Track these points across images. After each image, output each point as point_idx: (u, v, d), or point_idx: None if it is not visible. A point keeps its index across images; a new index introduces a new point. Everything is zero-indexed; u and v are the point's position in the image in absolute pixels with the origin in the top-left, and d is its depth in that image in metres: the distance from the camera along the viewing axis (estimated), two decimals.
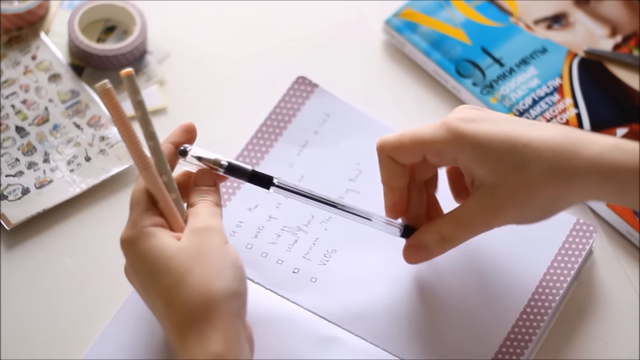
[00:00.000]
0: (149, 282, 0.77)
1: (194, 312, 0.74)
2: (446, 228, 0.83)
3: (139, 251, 0.77)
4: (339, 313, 0.87)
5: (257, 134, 0.97)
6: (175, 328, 0.75)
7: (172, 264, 0.76)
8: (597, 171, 0.77)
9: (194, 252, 0.77)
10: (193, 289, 0.75)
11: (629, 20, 1.06)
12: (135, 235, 0.78)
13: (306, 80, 1.00)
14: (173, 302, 0.75)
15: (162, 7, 1.06)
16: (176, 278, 0.75)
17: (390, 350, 0.86)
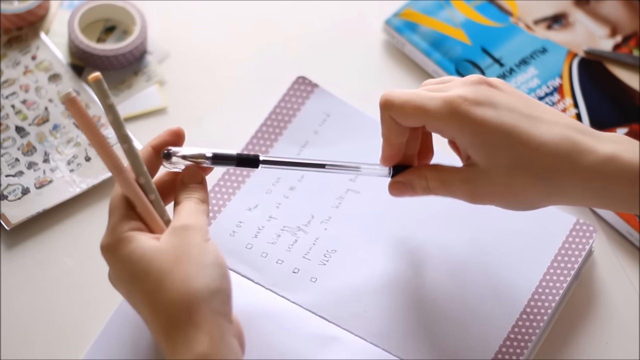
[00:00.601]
0: (132, 287, 0.77)
1: (175, 314, 0.74)
2: (433, 182, 0.84)
3: (119, 257, 0.77)
4: (339, 313, 0.87)
5: (257, 133, 0.97)
6: (161, 331, 0.75)
7: (152, 267, 0.75)
8: (586, 185, 0.79)
9: (173, 253, 0.76)
10: (173, 290, 0.74)
11: (629, 20, 1.06)
12: (114, 242, 0.77)
13: (306, 80, 1.00)
14: (155, 305, 0.75)
15: (162, 7, 1.06)
16: (156, 281, 0.75)
17: (390, 350, 0.86)
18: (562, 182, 0.79)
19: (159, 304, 0.75)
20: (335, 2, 1.07)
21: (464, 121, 0.80)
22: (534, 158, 0.79)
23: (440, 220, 0.92)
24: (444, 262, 0.90)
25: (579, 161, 0.79)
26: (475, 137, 0.80)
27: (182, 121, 1.00)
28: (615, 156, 0.78)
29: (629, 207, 0.79)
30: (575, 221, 0.92)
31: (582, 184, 0.79)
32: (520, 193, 0.80)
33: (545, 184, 0.79)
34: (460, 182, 0.82)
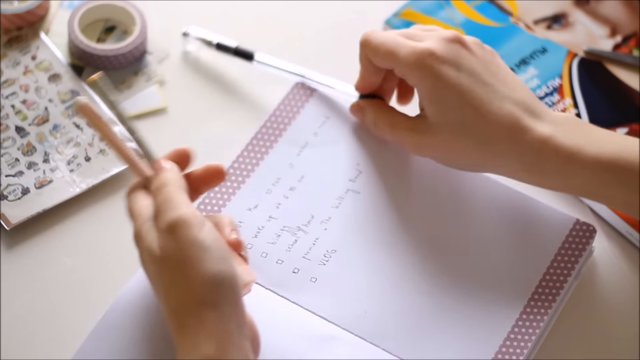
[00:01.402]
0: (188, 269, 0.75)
1: (187, 317, 0.74)
2: (381, 121, 0.92)
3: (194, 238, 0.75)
4: (339, 313, 0.87)
5: (257, 135, 0.97)
6: (173, 331, 0.75)
7: (166, 262, 0.76)
8: (521, 159, 0.85)
9: (178, 258, 0.76)
10: (184, 295, 0.74)
11: (629, 20, 1.06)
12: (200, 222, 0.75)
13: (305, 85, 0.99)
14: (170, 307, 0.76)
15: (162, 7, 1.06)
16: (169, 282, 0.76)
17: (390, 350, 0.86)
18: (500, 151, 0.86)
19: (171, 305, 0.76)
20: (336, 2, 1.07)
21: (425, 74, 0.86)
22: (479, 123, 0.86)
23: (440, 220, 0.92)
24: (444, 262, 0.90)
25: (517, 137, 0.85)
26: (431, 92, 0.87)
27: (182, 121, 1.00)
28: (550, 138, 0.85)
29: (558, 186, 0.87)
30: (575, 221, 0.92)
31: (517, 157, 0.85)
32: (461, 152, 0.87)
33: (484, 150, 0.86)
34: (407, 130, 0.90)
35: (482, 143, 0.86)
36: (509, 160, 0.86)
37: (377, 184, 0.94)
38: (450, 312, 0.88)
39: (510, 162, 0.86)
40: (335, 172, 0.95)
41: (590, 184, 0.85)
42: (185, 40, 1.03)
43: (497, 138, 0.86)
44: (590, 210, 0.97)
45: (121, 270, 0.90)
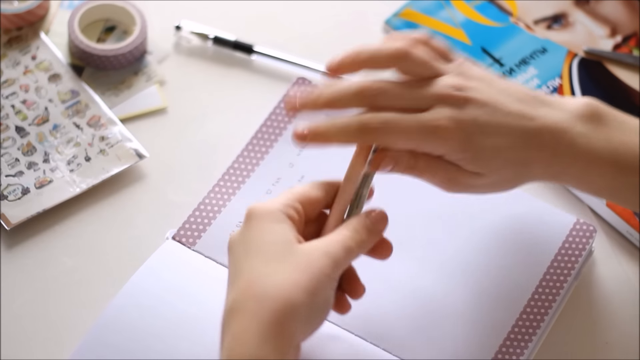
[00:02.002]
0: (247, 256, 0.76)
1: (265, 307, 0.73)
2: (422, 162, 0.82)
3: (260, 225, 0.76)
4: None
5: (257, 134, 0.97)
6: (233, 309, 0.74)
7: (280, 257, 0.75)
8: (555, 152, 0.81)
9: (304, 264, 0.75)
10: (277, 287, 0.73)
11: (629, 20, 1.06)
12: (267, 211, 0.77)
13: (306, 80, 1.00)
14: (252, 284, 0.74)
15: (162, 7, 1.06)
16: (271, 269, 0.74)
17: (390, 350, 0.86)
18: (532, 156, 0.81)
19: (256, 286, 0.74)
20: (336, 2, 1.07)
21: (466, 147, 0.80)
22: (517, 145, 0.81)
23: (440, 221, 0.92)
24: (444, 262, 0.90)
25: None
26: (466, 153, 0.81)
27: (182, 121, 1.00)
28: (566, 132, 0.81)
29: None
30: (575, 221, 0.92)
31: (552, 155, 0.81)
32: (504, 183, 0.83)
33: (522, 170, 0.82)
34: (456, 173, 0.82)
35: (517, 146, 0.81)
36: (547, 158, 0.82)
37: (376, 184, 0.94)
38: (450, 312, 0.88)
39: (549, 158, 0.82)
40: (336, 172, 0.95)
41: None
42: (179, 34, 1.04)
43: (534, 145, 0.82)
44: (590, 210, 0.97)
45: (121, 270, 0.90)
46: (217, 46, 1.03)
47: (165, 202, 0.95)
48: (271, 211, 0.78)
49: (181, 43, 1.04)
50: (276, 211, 0.78)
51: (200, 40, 1.04)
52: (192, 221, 0.91)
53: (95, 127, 0.97)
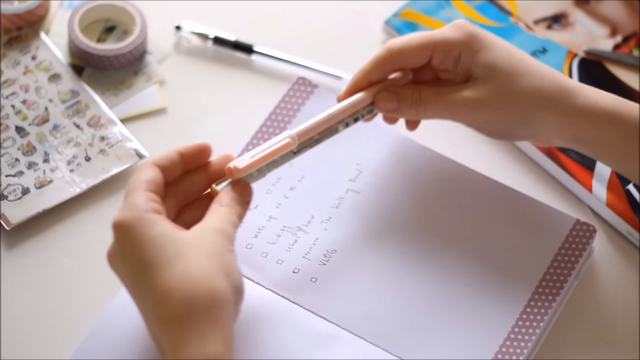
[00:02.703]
0: (145, 269, 0.75)
1: (195, 305, 0.73)
2: (427, 93, 0.88)
3: (139, 235, 0.76)
4: (339, 313, 0.87)
5: (257, 134, 0.97)
6: (168, 320, 0.73)
7: (180, 255, 0.75)
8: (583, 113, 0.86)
9: (204, 247, 0.76)
10: (199, 282, 0.74)
11: (629, 20, 1.06)
12: (135, 219, 0.76)
13: (306, 80, 1.00)
14: (172, 291, 0.74)
15: (162, 7, 1.06)
16: (182, 269, 0.74)
17: (390, 350, 0.86)
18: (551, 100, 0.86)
19: (178, 290, 0.73)
20: (336, 2, 1.07)
21: (474, 36, 0.87)
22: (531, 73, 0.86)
23: (440, 220, 0.92)
24: (444, 262, 0.90)
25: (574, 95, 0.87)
26: (483, 49, 0.87)
27: (182, 121, 1.00)
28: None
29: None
30: (575, 221, 0.92)
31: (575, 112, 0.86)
32: (516, 104, 0.86)
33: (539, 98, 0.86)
34: (458, 92, 0.87)
35: (537, 95, 0.86)
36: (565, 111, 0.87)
37: (377, 184, 0.94)
38: (450, 312, 0.88)
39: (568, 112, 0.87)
40: (335, 172, 0.95)
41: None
42: (179, 34, 1.04)
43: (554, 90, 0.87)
44: (590, 210, 0.97)
45: None
46: (217, 46, 1.03)
47: None
48: (140, 218, 0.77)
49: (181, 43, 1.04)
50: (144, 217, 0.77)
51: (200, 40, 1.04)
52: None
53: (95, 127, 0.97)
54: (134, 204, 0.77)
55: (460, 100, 0.87)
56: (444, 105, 0.88)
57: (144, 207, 0.77)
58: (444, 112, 0.88)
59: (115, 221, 0.77)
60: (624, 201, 0.95)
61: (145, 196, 0.78)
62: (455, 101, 0.87)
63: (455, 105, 0.87)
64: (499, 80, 0.87)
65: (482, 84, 0.87)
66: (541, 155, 0.98)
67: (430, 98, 0.88)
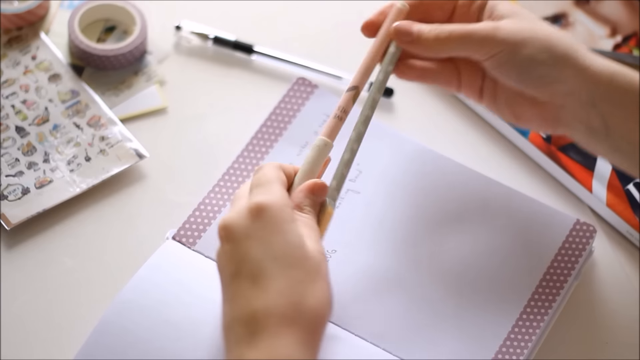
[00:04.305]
0: (291, 264, 0.74)
1: (319, 318, 0.73)
2: (444, 26, 0.86)
3: (279, 224, 0.75)
4: (338, 313, 0.87)
5: (257, 134, 0.97)
6: (308, 326, 0.73)
7: (309, 260, 0.74)
8: (593, 78, 0.83)
9: (318, 259, 0.75)
10: (317, 294, 0.74)
11: (629, 20, 1.06)
12: (280, 206, 0.75)
13: (306, 81, 1.00)
14: (301, 297, 0.73)
15: (162, 7, 1.06)
16: (309, 277, 0.74)
17: (390, 350, 0.86)
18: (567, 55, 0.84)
19: (309, 298, 0.73)
20: (335, 2, 1.07)
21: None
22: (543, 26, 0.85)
23: (440, 221, 0.92)
24: (444, 262, 0.90)
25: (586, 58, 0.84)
26: None
27: (182, 121, 1.00)
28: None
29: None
30: (576, 221, 0.92)
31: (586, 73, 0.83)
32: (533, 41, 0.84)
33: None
34: (479, 26, 0.85)
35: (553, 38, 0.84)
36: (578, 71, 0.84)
37: (377, 184, 0.94)
38: (450, 312, 0.88)
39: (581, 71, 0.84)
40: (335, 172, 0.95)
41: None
42: (179, 34, 1.04)
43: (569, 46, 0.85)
44: (590, 210, 0.97)
45: (121, 271, 0.90)
46: (217, 46, 1.03)
47: (165, 202, 0.95)
48: (284, 209, 0.76)
49: (181, 43, 1.04)
50: (288, 208, 0.77)
51: (200, 40, 1.04)
52: (192, 221, 0.91)
53: (95, 127, 0.97)
54: (276, 192, 0.77)
55: (481, 25, 0.85)
56: (464, 29, 0.85)
57: (287, 202, 0.77)
58: (462, 39, 0.85)
59: (258, 200, 0.75)
60: (624, 201, 0.95)
61: (285, 193, 0.78)
62: (475, 26, 0.85)
63: (474, 29, 0.85)
64: (522, 17, 0.85)
65: (504, 18, 0.86)
66: (541, 155, 0.98)
67: (449, 26, 0.86)
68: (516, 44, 0.84)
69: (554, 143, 0.98)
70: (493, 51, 0.84)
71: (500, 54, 0.84)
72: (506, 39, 0.84)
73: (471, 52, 0.85)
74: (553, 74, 0.83)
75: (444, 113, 1.02)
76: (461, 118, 1.02)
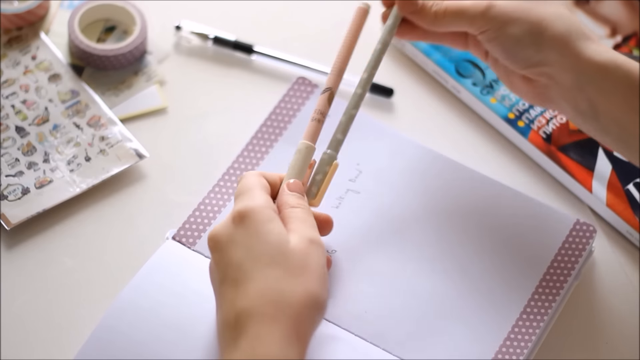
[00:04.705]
0: (268, 262, 0.75)
1: (303, 314, 0.74)
2: (443, 2, 0.88)
3: (266, 229, 0.77)
4: (338, 313, 0.87)
5: (257, 134, 0.97)
6: (290, 321, 0.74)
7: (290, 257, 0.76)
8: (590, 63, 0.84)
9: (303, 259, 0.76)
10: (300, 288, 0.75)
11: (629, 20, 1.06)
12: (261, 210, 0.77)
13: (306, 80, 1.00)
14: (284, 293, 0.74)
15: (162, 7, 1.06)
16: (290, 272, 0.75)
17: (390, 350, 0.86)
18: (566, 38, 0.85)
19: (289, 294, 0.74)
20: (335, 2, 1.07)
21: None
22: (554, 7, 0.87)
23: (440, 220, 0.92)
24: (444, 262, 0.90)
25: (578, 41, 0.85)
26: None
27: (182, 121, 1.00)
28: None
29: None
30: (575, 221, 0.92)
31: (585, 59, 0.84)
32: (532, 10, 0.86)
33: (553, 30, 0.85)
34: (477, 1, 0.87)
35: (555, 21, 0.86)
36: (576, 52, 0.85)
37: (377, 184, 0.94)
38: (450, 312, 0.88)
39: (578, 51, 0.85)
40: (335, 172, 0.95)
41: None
42: (179, 34, 1.04)
43: (570, 28, 0.86)
44: (590, 210, 0.97)
45: (121, 270, 0.90)
46: (217, 46, 1.03)
47: (165, 202, 0.95)
48: (264, 210, 0.78)
49: (181, 43, 1.04)
50: (268, 209, 0.78)
51: (200, 40, 1.04)
52: (192, 221, 0.91)
53: (95, 127, 0.97)
54: (257, 197, 0.79)
55: (475, 2, 0.87)
56: (458, 5, 0.88)
57: (266, 204, 0.78)
58: (455, 14, 0.88)
59: (239, 208, 0.78)
60: (624, 201, 0.95)
61: (265, 196, 0.79)
62: (470, 3, 0.87)
63: (468, 6, 0.87)
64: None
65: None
66: (541, 155, 0.98)
67: (445, 2, 0.89)
68: (504, 22, 0.86)
69: (553, 143, 0.98)
70: (483, 27, 0.87)
71: (488, 31, 0.87)
72: (496, 17, 0.86)
73: (465, 28, 0.88)
74: (537, 56, 0.86)
75: (444, 113, 1.02)
76: (461, 118, 1.02)
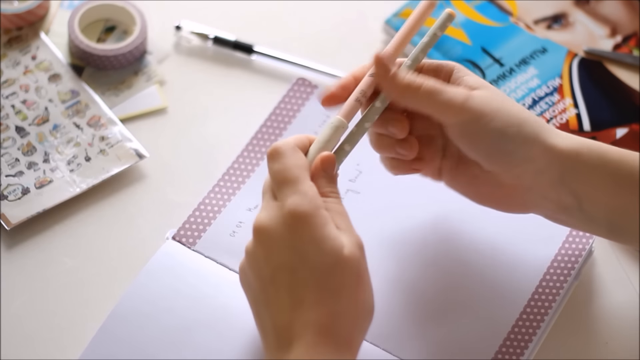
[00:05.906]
0: (327, 273, 0.74)
1: (357, 327, 0.74)
2: (419, 77, 0.80)
3: (314, 230, 0.74)
4: None
5: (257, 134, 0.97)
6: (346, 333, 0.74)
7: (347, 267, 0.74)
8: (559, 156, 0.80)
9: (357, 267, 0.75)
10: (360, 303, 0.75)
11: (629, 20, 1.06)
12: (313, 214, 0.74)
13: (306, 81, 1.00)
14: (341, 308, 0.74)
15: (162, 7, 1.06)
16: (349, 283, 0.74)
17: (390, 350, 0.86)
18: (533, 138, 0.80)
19: (345, 307, 0.74)
20: (335, 2, 1.07)
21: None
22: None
23: (441, 221, 0.92)
24: (444, 262, 0.90)
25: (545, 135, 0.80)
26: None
27: (182, 121, 1.00)
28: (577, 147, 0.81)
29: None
30: None
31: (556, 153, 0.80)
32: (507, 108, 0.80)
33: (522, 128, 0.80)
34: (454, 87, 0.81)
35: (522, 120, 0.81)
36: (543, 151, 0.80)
37: (377, 184, 0.94)
38: (450, 312, 0.88)
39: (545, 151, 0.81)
40: None
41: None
42: (179, 34, 1.04)
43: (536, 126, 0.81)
44: None
45: (121, 270, 0.90)
46: (217, 46, 1.04)
47: (165, 202, 0.95)
48: (318, 213, 0.75)
49: (181, 43, 1.04)
50: (322, 209, 0.75)
51: (200, 40, 1.04)
52: (192, 221, 0.91)
53: (95, 127, 0.97)
54: (309, 195, 0.75)
55: (453, 88, 0.80)
56: (436, 85, 0.80)
57: (319, 203, 0.75)
58: (431, 94, 0.79)
59: (292, 208, 0.74)
60: None
61: (314, 188, 0.76)
62: (448, 86, 0.80)
63: (446, 88, 0.80)
64: (492, 91, 0.81)
65: (475, 89, 0.81)
66: None
67: (423, 78, 0.80)
68: (486, 114, 0.79)
69: None
70: (462, 117, 0.80)
71: (469, 122, 0.80)
72: (477, 108, 0.79)
73: (439, 112, 0.80)
74: (521, 151, 0.80)
75: None
76: None
